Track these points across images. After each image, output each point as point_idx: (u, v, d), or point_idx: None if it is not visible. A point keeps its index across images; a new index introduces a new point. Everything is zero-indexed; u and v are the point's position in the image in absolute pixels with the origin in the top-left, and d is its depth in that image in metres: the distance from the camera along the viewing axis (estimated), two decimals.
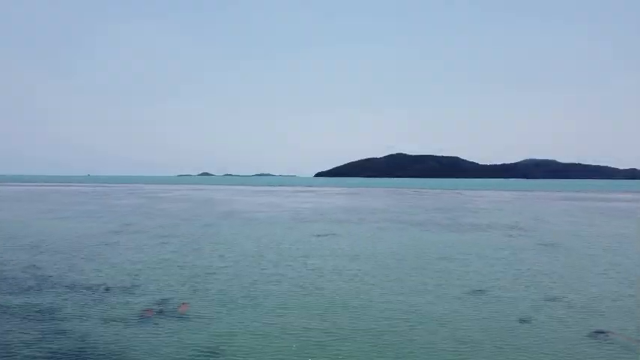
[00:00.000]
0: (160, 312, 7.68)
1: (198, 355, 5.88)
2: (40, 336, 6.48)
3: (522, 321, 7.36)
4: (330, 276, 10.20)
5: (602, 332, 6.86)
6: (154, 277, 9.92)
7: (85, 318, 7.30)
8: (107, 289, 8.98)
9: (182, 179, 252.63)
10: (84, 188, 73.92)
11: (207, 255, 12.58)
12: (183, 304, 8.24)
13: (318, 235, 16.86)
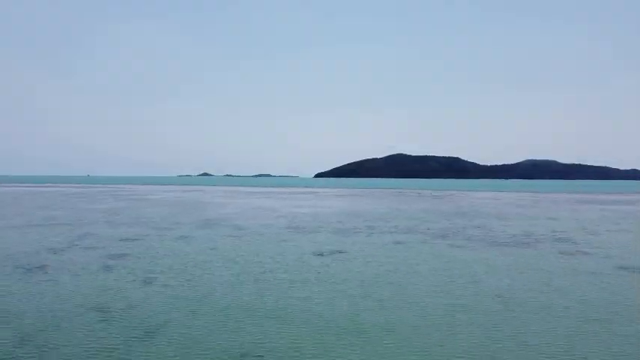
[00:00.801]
0: None
1: None
2: None
3: None
4: (342, 341, 6.25)
5: None
6: (54, 341, 5.98)
7: None
8: None
9: (181, 180, 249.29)
10: (73, 189, 70.01)
11: (157, 294, 8.62)
12: None
13: (321, 255, 12.90)
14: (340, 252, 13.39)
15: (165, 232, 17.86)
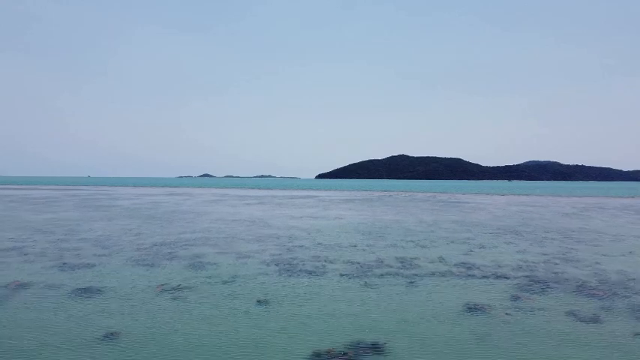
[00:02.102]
0: None
1: None
2: None
3: None
4: None
5: None
6: None
7: None
8: None
9: (180, 181, 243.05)
10: (50, 192, 63.09)
11: None
12: None
13: None
14: (372, 349, 6.30)
15: (73, 273, 10.78)
